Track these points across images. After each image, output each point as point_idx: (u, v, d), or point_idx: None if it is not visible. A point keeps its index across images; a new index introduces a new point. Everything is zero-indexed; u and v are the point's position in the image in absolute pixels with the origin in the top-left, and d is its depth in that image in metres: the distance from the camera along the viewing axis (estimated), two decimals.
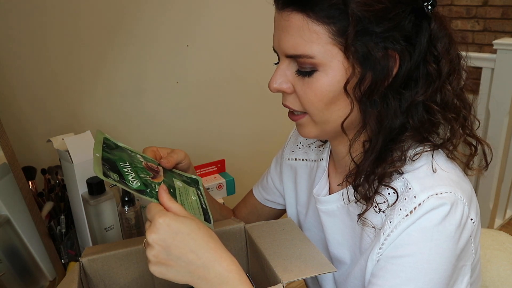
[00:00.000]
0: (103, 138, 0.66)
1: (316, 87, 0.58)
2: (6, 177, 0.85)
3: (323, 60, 0.57)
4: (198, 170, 1.17)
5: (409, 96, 0.59)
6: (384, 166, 0.60)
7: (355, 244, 0.68)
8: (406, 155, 0.61)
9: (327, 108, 0.60)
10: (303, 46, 0.57)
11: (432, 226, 0.55)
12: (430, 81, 0.58)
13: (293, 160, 0.83)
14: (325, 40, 0.56)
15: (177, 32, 1.33)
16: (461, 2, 2.81)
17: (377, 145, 0.61)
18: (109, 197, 0.87)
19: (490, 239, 0.93)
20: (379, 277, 0.58)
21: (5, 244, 0.85)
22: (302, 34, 0.56)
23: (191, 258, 0.53)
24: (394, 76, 0.58)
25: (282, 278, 0.60)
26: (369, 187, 0.62)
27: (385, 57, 0.57)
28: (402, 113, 0.60)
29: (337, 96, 0.59)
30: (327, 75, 0.58)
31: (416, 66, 0.58)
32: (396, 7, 0.55)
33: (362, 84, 0.57)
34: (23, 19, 1.07)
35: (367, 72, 0.57)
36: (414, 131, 0.60)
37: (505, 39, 1.97)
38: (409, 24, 0.56)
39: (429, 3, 0.56)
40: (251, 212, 0.94)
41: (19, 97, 1.12)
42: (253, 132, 1.61)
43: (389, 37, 0.56)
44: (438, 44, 0.58)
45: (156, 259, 0.54)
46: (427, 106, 0.59)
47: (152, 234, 0.53)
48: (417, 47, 0.58)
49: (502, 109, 1.99)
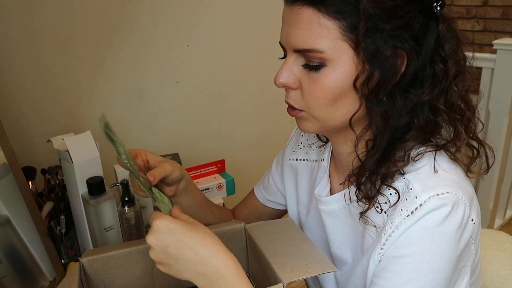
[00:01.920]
0: (104, 124, 0.68)
1: (324, 82, 0.58)
2: (6, 177, 0.85)
3: (332, 55, 0.57)
4: (198, 170, 1.17)
5: (415, 95, 0.59)
6: (388, 165, 0.61)
7: (357, 244, 0.68)
8: (409, 155, 0.61)
9: (332, 104, 0.60)
10: (313, 40, 0.56)
11: (433, 227, 0.55)
12: (437, 81, 0.59)
13: (294, 160, 0.83)
14: (335, 35, 0.56)
15: (177, 32, 1.33)
16: (461, 2, 2.81)
17: (382, 143, 0.61)
18: (109, 197, 0.87)
19: (490, 239, 0.93)
20: (381, 277, 0.59)
21: (5, 244, 0.85)
22: (312, 28, 0.56)
23: (189, 256, 0.55)
24: (401, 75, 0.58)
25: (282, 278, 0.60)
26: (371, 186, 0.62)
27: (394, 56, 0.57)
28: (407, 112, 0.60)
29: (343, 93, 0.59)
30: (335, 71, 0.57)
31: (423, 66, 0.59)
32: (407, 6, 0.55)
33: (369, 82, 0.57)
34: (23, 19, 1.07)
35: (375, 70, 0.57)
36: (418, 131, 0.60)
37: (505, 39, 1.96)
38: (418, 24, 0.57)
39: (438, 4, 0.56)
40: (252, 212, 0.94)
41: (19, 98, 1.12)
42: (253, 132, 1.61)
43: (398, 36, 0.56)
44: (446, 45, 0.58)
45: (158, 259, 0.56)
46: (432, 106, 0.60)
47: (149, 236, 0.55)
48: (424, 47, 0.58)
49: (502, 109, 1.98)
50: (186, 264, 0.55)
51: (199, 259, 0.55)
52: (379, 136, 0.61)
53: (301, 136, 0.84)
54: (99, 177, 0.87)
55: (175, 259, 0.55)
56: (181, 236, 0.55)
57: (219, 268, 0.55)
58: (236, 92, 1.52)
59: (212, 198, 1.14)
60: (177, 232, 0.55)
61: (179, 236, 0.55)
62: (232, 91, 1.51)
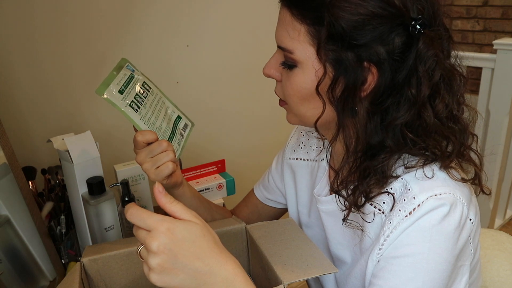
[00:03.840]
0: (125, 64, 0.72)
1: (294, 81, 0.61)
2: (6, 177, 0.85)
3: (300, 57, 0.59)
4: (198, 170, 1.17)
5: (389, 115, 0.58)
6: (368, 183, 0.61)
7: (356, 244, 0.68)
8: (388, 175, 0.60)
9: (302, 103, 0.63)
10: (287, 40, 0.60)
11: (431, 227, 0.56)
12: (410, 104, 0.57)
13: (294, 160, 0.83)
14: (304, 39, 0.58)
15: (177, 32, 1.33)
16: (461, 2, 2.81)
17: (355, 155, 0.61)
18: (109, 197, 0.87)
19: (490, 239, 0.93)
20: (379, 277, 0.59)
21: (5, 244, 0.85)
22: (288, 29, 0.59)
23: (197, 266, 0.51)
24: (373, 88, 0.57)
25: (283, 279, 0.60)
26: (357, 198, 0.62)
27: (359, 66, 0.56)
28: (381, 130, 0.59)
29: (311, 95, 0.61)
30: (303, 73, 0.60)
31: (400, 84, 0.57)
32: (375, 21, 0.54)
33: (335, 88, 0.58)
34: (24, 19, 1.07)
35: (339, 77, 0.57)
36: (392, 151, 0.60)
37: (505, 39, 1.96)
38: (398, 39, 0.55)
39: (417, 23, 0.55)
40: (252, 211, 0.94)
41: (19, 98, 1.12)
42: (253, 132, 1.61)
43: (365, 48, 0.55)
44: (421, 66, 0.56)
45: (161, 267, 0.50)
46: (402, 131, 0.58)
47: (155, 242, 0.49)
48: (401, 64, 0.56)
49: (502, 109, 1.99)
50: (194, 274, 0.51)
51: (208, 269, 0.51)
52: (353, 145, 0.61)
53: (302, 136, 0.84)
54: (99, 177, 0.87)
55: (183, 268, 0.50)
56: (190, 246, 0.51)
57: (228, 277, 0.52)
58: (236, 92, 1.52)
59: (212, 198, 1.14)
60: (186, 241, 0.51)
61: (188, 245, 0.51)
62: (232, 91, 1.51)
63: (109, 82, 0.67)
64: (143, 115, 0.70)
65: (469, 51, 0.68)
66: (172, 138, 0.75)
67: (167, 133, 0.74)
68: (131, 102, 0.69)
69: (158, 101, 0.75)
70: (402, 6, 0.54)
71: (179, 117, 0.79)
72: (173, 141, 0.75)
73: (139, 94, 0.71)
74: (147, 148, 0.70)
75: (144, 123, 0.70)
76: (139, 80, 0.72)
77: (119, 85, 0.68)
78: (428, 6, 0.56)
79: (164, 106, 0.76)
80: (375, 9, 0.54)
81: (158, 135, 0.71)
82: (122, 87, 0.68)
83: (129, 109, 0.68)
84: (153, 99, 0.74)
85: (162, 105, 0.76)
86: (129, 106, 0.68)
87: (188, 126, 0.80)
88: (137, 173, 1.04)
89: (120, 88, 0.68)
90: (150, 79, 0.76)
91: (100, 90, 0.66)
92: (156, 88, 0.76)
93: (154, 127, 0.71)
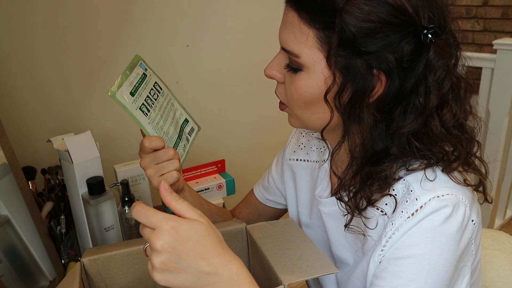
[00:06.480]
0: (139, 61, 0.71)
1: (299, 85, 0.60)
2: (6, 177, 0.85)
3: (307, 62, 0.58)
4: (198, 170, 1.17)
5: (395, 123, 0.58)
6: (370, 188, 0.60)
7: (358, 246, 0.68)
8: (390, 181, 0.60)
9: (306, 108, 0.62)
10: (293, 43, 0.58)
11: (434, 228, 0.55)
12: (417, 113, 0.57)
13: (294, 161, 0.83)
14: (312, 44, 0.57)
15: (177, 32, 1.33)
16: (461, 2, 2.81)
17: (360, 162, 0.61)
18: (109, 197, 0.87)
19: (490, 239, 0.93)
20: (381, 278, 0.59)
21: (5, 244, 0.85)
22: (295, 32, 0.58)
23: (201, 265, 0.50)
24: (381, 95, 0.57)
25: (283, 280, 0.60)
26: (357, 202, 0.62)
27: (368, 74, 0.56)
28: (386, 137, 0.59)
29: (316, 100, 0.60)
30: (309, 78, 0.59)
31: (407, 92, 0.57)
32: (387, 29, 0.53)
33: (342, 94, 0.57)
34: (23, 20, 1.07)
35: (347, 84, 0.56)
36: (396, 159, 0.59)
37: (505, 39, 1.96)
38: (408, 47, 0.55)
39: (429, 32, 0.54)
40: (252, 212, 0.94)
41: (19, 98, 1.11)
42: (254, 132, 1.61)
43: (375, 56, 0.55)
44: (431, 76, 0.55)
45: (164, 266, 0.50)
46: (408, 139, 0.58)
47: (159, 241, 0.49)
48: (409, 72, 0.56)
49: (502, 109, 1.98)
50: (197, 273, 0.50)
51: (212, 269, 0.51)
52: (357, 151, 0.61)
53: (302, 137, 0.84)
54: (99, 177, 0.87)
55: (186, 268, 0.50)
56: (194, 245, 0.50)
57: (233, 277, 0.52)
58: (236, 92, 1.52)
59: (212, 198, 1.14)
60: (190, 240, 0.50)
61: (192, 244, 0.50)
62: (232, 91, 1.51)
63: (122, 82, 0.66)
64: (152, 119, 0.69)
65: (469, 51, 0.68)
66: (178, 143, 0.74)
67: (174, 138, 0.73)
68: (141, 105, 0.68)
69: (168, 103, 0.74)
70: (414, 14, 0.53)
71: (187, 121, 0.78)
72: (178, 146, 0.74)
73: (149, 95, 0.70)
74: (153, 154, 0.69)
75: (152, 127, 0.69)
76: (151, 80, 0.71)
77: (131, 86, 0.67)
78: (438, 13, 0.55)
79: (173, 109, 0.75)
80: (388, 16, 0.53)
81: (165, 140, 0.70)
82: (134, 88, 0.67)
83: (138, 112, 0.67)
84: (163, 101, 0.73)
85: (171, 108, 0.75)
86: (139, 109, 0.67)
87: (194, 130, 0.79)
88: (137, 173, 1.04)
89: (132, 90, 0.66)
90: (161, 78, 0.75)
91: (113, 92, 0.64)
92: (167, 88, 0.75)
93: (162, 132, 0.70)
